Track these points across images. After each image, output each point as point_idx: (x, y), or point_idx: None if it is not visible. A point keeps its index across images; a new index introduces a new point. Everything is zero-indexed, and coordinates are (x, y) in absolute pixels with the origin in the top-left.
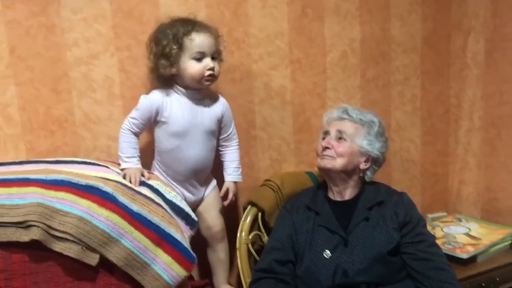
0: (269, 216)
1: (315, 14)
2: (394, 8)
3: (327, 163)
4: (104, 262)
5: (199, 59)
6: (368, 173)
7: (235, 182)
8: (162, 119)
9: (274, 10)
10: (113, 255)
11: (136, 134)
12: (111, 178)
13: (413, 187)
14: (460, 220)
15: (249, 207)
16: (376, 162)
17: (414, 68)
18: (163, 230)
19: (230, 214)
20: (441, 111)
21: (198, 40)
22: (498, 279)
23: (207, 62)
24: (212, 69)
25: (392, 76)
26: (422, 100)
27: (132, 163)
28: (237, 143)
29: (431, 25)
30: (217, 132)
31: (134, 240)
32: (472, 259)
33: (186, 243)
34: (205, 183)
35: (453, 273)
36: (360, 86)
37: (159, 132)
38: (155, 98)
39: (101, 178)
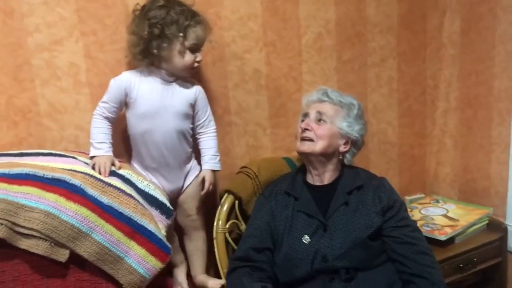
0: (246, 204)
1: None
2: None
3: (307, 147)
4: (75, 258)
5: (193, 51)
6: (348, 156)
7: (213, 171)
8: (131, 100)
9: None
10: (84, 250)
11: (109, 119)
12: (79, 169)
13: (390, 169)
14: (437, 201)
15: (225, 195)
16: (356, 144)
17: (390, 49)
18: (136, 222)
19: (208, 203)
20: (417, 93)
21: (198, 33)
22: (475, 259)
23: (198, 54)
24: (199, 61)
25: (369, 58)
26: (398, 81)
27: (103, 150)
28: (214, 130)
29: (407, 4)
30: (191, 117)
31: (105, 233)
32: (450, 241)
33: (161, 234)
34: (184, 170)
35: (435, 258)
36: (336, 69)
37: (129, 115)
38: (123, 78)
39: (69, 170)
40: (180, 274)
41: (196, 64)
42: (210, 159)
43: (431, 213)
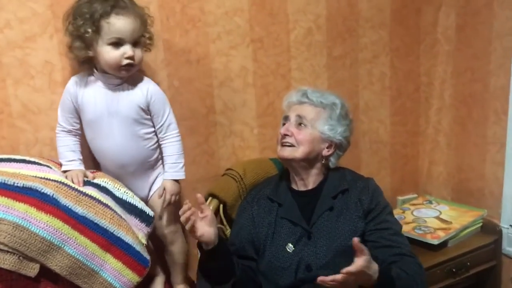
0: (231, 208)
1: None
2: None
3: (288, 153)
4: (46, 271)
5: (116, 45)
6: (332, 159)
7: (176, 180)
8: (78, 107)
9: None
10: (56, 264)
11: (72, 132)
12: (52, 178)
13: (382, 169)
14: (430, 202)
15: (209, 199)
16: (340, 147)
17: (382, 45)
18: (112, 233)
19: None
20: (411, 90)
21: (117, 25)
22: (469, 264)
23: (126, 49)
24: (131, 57)
25: (360, 54)
26: (391, 78)
27: (73, 165)
28: (176, 135)
29: None
30: (148, 121)
31: (79, 246)
32: (443, 244)
33: (139, 246)
34: (150, 178)
35: (417, 260)
36: (326, 65)
37: (82, 122)
38: (69, 85)
39: (41, 178)
40: (157, 285)
41: (126, 62)
42: (170, 168)
43: (423, 215)
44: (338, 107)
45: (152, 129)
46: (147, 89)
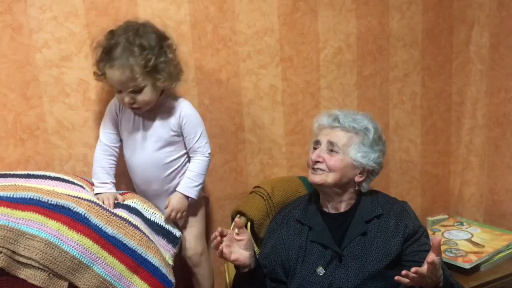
0: (258, 227)
1: (308, 8)
2: (392, 0)
3: (319, 179)
4: None
5: (119, 91)
6: (364, 184)
7: (185, 196)
8: (119, 122)
9: (262, 4)
10: (84, 283)
11: (109, 152)
12: (85, 197)
13: (412, 189)
14: (461, 224)
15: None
16: (373, 172)
17: (414, 63)
18: (140, 255)
19: (218, 224)
20: (442, 109)
21: (109, 74)
22: None
23: (123, 96)
24: (131, 103)
25: (391, 73)
26: (422, 97)
27: (106, 188)
28: (204, 155)
29: (433, 17)
30: (177, 143)
31: (107, 266)
32: (475, 269)
33: (165, 268)
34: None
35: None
36: (356, 84)
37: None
38: (113, 101)
39: (74, 197)
40: None
41: (131, 106)
42: (184, 182)
43: (454, 237)
44: (371, 132)
45: (182, 152)
46: (179, 112)
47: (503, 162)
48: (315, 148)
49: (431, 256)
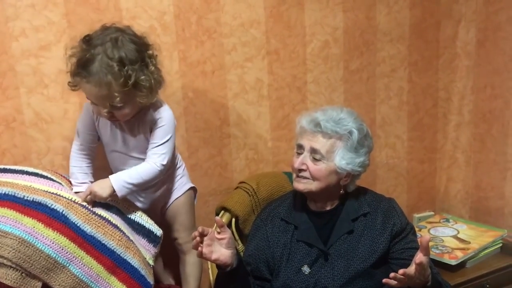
0: (243, 223)
1: (294, 0)
2: None
3: (303, 187)
4: None
5: (93, 103)
6: (350, 185)
7: (111, 186)
8: (98, 125)
9: None
10: (59, 283)
11: (86, 151)
12: (63, 195)
13: (399, 185)
14: (447, 220)
15: (222, 212)
16: (358, 175)
17: (401, 59)
18: (119, 255)
19: (202, 220)
20: (429, 105)
21: (87, 90)
22: (488, 286)
23: (99, 110)
24: (108, 117)
25: (378, 68)
26: (409, 93)
27: (84, 188)
28: (154, 165)
29: (420, 12)
30: None
31: (84, 266)
32: (461, 265)
33: (144, 270)
34: (164, 187)
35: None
36: (343, 79)
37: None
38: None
39: (52, 193)
40: None
41: (109, 119)
42: (122, 174)
43: (440, 233)
44: (354, 134)
45: None
46: (158, 117)
47: (488, 158)
48: (298, 153)
49: (419, 257)
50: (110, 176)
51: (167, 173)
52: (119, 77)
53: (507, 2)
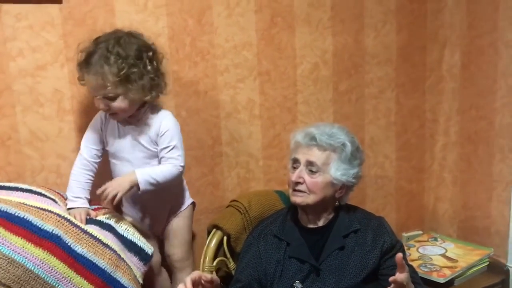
0: (235, 241)
1: (285, 24)
2: (368, 18)
3: (300, 200)
4: None
5: (94, 96)
6: (344, 198)
7: (134, 180)
8: (104, 138)
9: (241, 18)
10: None
11: (88, 166)
12: (55, 211)
13: (387, 204)
14: (435, 239)
15: (213, 230)
16: (352, 187)
17: (388, 81)
18: (110, 274)
19: (195, 238)
20: (416, 126)
21: (86, 80)
22: None
23: (98, 102)
24: (105, 110)
25: (366, 89)
26: (397, 114)
27: (78, 203)
28: (174, 166)
29: (406, 36)
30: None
31: (73, 286)
32: (450, 283)
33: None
34: (164, 203)
35: None
36: (332, 100)
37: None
38: (98, 114)
39: (44, 210)
40: None
41: (106, 111)
42: (147, 170)
43: (429, 252)
44: (347, 146)
45: None
46: (159, 124)
47: (475, 178)
48: (294, 167)
49: (394, 276)
50: (135, 170)
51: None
52: (114, 68)
53: (489, 27)
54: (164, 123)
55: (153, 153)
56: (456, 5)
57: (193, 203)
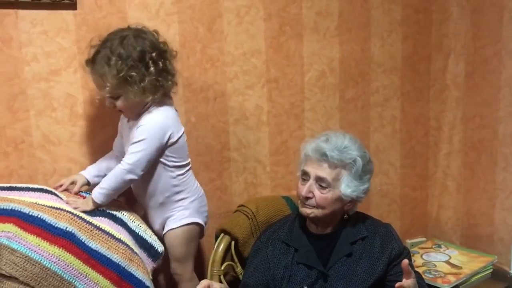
0: (243, 246)
1: (293, 32)
2: (374, 28)
3: (310, 212)
4: None
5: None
6: (352, 210)
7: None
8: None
9: (250, 26)
10: None
11: (113, 156)
12: (67, 209)
13: (392, 212)
14: (439, 246)
15: (221, 235)
16: (361, 199)
17: (394, 89)
18: (124, 268)
19: (202, 243)
20: (421, 134)
21: (91, 77)
22: None
23: (105, 100)
24: (111, 107)
25: (372, 97)
26: (401, 122)
27: (81, 172)
28: (121, 164)
29: (412, 45)
30: (166, 157)
31: (90, 282)
32: None
33: (148, 281)
34: (163, 214)
35: None
36: (338, 107)
37: None
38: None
39: (57, 208)
40: None
41: (113, 108)
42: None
43: (433, 259)
44: (358, 162)
45: (171, 162)
46: (143, 118)
47: (478, 186)
48: (304, 179)
49: (400, 282)
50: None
51: (163, 193)
52: (113, 69)
53: (493, 38)
54: (145, 118)
55: None
56: (461, 15)
57: (197, 224)
